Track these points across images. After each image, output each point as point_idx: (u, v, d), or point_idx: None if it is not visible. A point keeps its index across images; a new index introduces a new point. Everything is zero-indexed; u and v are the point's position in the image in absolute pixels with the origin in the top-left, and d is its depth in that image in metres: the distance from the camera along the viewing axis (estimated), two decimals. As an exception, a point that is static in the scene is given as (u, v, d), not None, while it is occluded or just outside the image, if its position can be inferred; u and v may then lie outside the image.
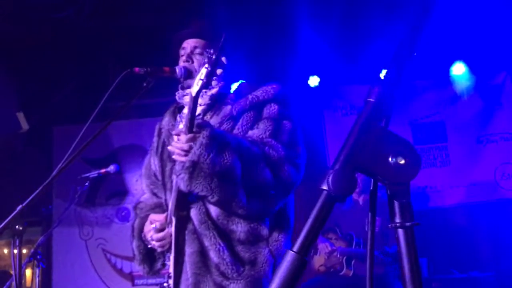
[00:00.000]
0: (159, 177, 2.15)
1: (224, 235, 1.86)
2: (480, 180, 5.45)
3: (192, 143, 1.78)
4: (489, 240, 4.98)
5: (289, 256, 0.67)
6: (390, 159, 0.72)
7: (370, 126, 0.72)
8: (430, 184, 5.40)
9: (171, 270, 1.93)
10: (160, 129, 2.27)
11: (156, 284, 4.62)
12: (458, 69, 5.49)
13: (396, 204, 0.75)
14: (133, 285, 4.70)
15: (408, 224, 0.73)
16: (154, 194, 2.22)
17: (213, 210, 1.90)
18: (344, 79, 5.74)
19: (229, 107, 2.02)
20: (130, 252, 6.36)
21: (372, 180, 0.78)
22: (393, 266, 4.05)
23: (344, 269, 4.26)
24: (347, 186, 0.69)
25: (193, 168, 1.74)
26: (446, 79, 5.56)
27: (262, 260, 1.85)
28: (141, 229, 2.10)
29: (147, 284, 4.59)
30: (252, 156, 1.81)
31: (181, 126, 2.07)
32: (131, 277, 5.18)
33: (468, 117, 5.58)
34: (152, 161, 2.23)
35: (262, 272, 1.83)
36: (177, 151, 1.81)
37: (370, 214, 0.76)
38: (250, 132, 1.95)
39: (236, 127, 1.97)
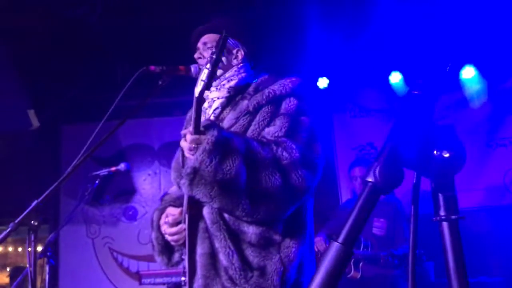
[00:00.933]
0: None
1: (235, 236, 1.81)
2: (489, 184, 5.44)
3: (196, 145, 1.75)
4: (499, 245, 4.95)
5: (334, 247, 0.67)
6: (435, 152, 0.72)
7: (414, 119, 0.72)
8: (439, 187, 5.36)
9: (186, 266, 1.92)
10: (186, 123, 2.26)
11: (163, 283, 4.61)
12: (468, 73, 5.47)
13: (440, 197, 0.74)
14: (140, 284, 4.68)
15: (453, 217, 0.73)
16: (180, 187, 2.22)
17: None
18: (353, 81, 5.74)
19: (245, 101, 1.96)
20: (137, 251, 6.38)
21: (415, 173, 0.77)
22: (401, 268, 4.04)
23: (352, 271, 4.25)
24: (395, 178, 0.69)
25: (194, 175, 1.70)
26: (456, 83, 5.55)
27: (271, 269, 1.76)
28: (159, 221, 2.09)
29: (154, 283, 4.57)
30: (261, 161, 1.72)
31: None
32: (138, 276, 5.17)
33: (478, 121, 5.57)
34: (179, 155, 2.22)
35: (270, 282, 1.74)
36: (186, 150, 1.79)
37: (412, 206, 0.76)
38: (266, 129, 1.87)
39: (253, 123, 1.90)
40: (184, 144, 1.80)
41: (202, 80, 1.76)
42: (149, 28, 4.90)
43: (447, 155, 0.72)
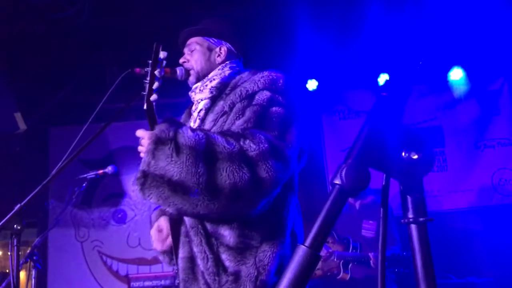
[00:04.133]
0: None
1: (213, 240, 1.77)
2: (477, 186, 5.47)
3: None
4: (487, 245, 4.98)
5: (301, 251, 0.66)
6: (403, 153, 0.72)
7: (383, 120, 0.71)
8: (428, 189, 5.40)
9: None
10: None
11: (153, 287, 4.59)
12: (456, 74, 5.51)
13: (409, 199, 0.74)
14: (129, 287, 4.66)
15: (421, 219, 0.72)
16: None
17: None
18: (343, 83, 5.75)
19: (221, 102, 1.93)
20: (126, 254, 6.33)
21: (385, 175, 0.77)
22: (389, 269, 4.05)
23: (341, 273, 4.25)
24: (361, 180, 0.68)
25: (144, 179, 1.64)
26: (444, 84, 5.58)
27: (245, 274, 1.71)
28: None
29: (143, 287, 4.55)
30: (226, 156, 1.62)
31: (192, 124, 2.05)
32: (127, 279, 5.15)
33: (466, 122, 5.60)
34: None
35: (243, 287, 1.70)
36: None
37: (382, 209, 0.75)
38: (236, 122, 1.79)
39: (227, 122, 1.85)
40: (139, 147, 1.79)
41: (143, 93, 1.80)
42: (138, 30, 4.88)
43: (415, 156, 0.72)
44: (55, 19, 4.46)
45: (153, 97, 1.82)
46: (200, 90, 2.07)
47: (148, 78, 1.85)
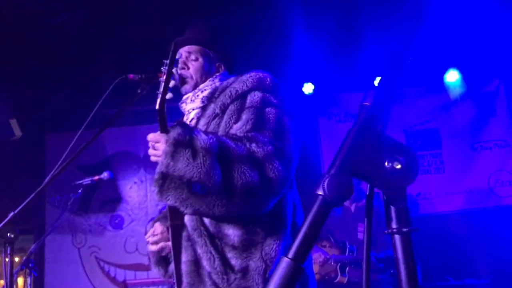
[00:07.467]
0: None
1: (217, 241, 1.79)
2: (474, 187, 5.47)
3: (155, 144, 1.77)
4: (484, 247, 4.98)
5: (284, 263, 0.65)
6: (386, 163, 0.71)
7: (366, 130, 0.71)
8: (425, 191, 5.41)
9: (174, 277, 1.92)
10: None
11: (150, 293, 4.58)
12: (452, 76, 5.52)
13: (392, 209, 0.74)
14: (127, 293, 4.66)
15: (405, 229, 0.72)
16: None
17: None
18: (339, 86, 5.76)
19: (212, 105, 1.97)
20: (124, 260, 6.34)
21: (368, 185, 0.77)
22: (387, 273, 4.04)
23: (339, 276, 4.25)
24: (344, 190, 0.68)
25: (163, 180, 1.66)
26: (440, 86, 5.59)
27: (252, 268, 1.74)
28: None
29: (140, 293, 4.55)
30: (238, 158, 1.68)
31: None
32: (124, 285, 5.15)
33: (462, 124, 5.61)
34: None
35: (252, 281, 1.73)
36: (151, 155, 1.81)
37: (366, 219, 0.75)
38: (234, 126, 1.85)
39: (222, 124, 1.89)
40: (150, 151, 1.81)
41: (157, 92, 1.82)
42: (133, 36, 4.88)
43: (398, 166, 0.71)
44: (50, 24, 4.46)
45: (169, 95, 1.85)
46: (191, 100, 2.10)
47: (164, 77, 1.87)
